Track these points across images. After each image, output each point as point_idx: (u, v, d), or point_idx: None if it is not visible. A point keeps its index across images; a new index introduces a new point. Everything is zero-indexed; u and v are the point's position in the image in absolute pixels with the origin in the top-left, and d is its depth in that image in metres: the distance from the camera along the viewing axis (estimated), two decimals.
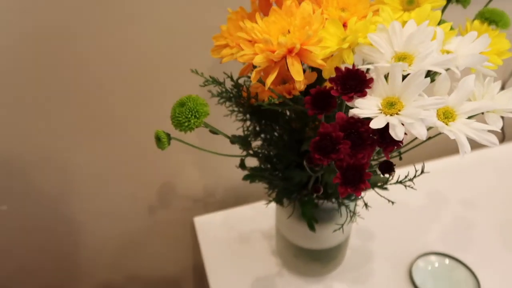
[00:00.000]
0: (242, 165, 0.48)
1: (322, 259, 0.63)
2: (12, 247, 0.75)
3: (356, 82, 0.31)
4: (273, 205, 0.65)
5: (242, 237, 0.73)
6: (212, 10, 0.59)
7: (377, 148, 0.33)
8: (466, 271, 0.65)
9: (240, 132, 0.50)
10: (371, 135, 0.30)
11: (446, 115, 0.31)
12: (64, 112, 0.63)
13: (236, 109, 0.48)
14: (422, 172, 0.41)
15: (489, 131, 0.31)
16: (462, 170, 0.86)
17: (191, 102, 0.35)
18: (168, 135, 0.37)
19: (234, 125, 0.50)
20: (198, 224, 0.76)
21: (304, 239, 0.59)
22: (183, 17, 0.60)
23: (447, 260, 0.67)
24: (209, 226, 0.76)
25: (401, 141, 0.29)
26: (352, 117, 0.30)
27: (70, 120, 0.64)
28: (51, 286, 0.83)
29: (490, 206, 0.77)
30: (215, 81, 0.44)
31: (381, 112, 0.30)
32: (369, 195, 0.50)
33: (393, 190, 0.48)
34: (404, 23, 0.36)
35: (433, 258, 0.67)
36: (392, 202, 0.47)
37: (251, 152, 0.48)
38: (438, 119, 0.31)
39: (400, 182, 0.43)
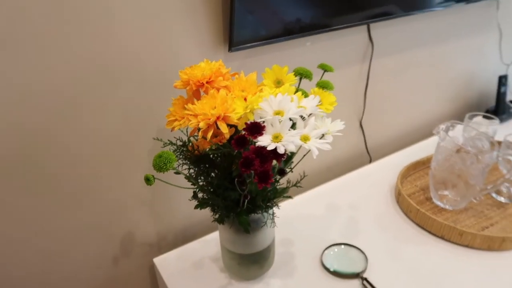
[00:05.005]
0: (195, 196, 0.72)
1: (259, 261, 0.86)
2: None
3: (257, 129, 0.58)
4: (215, 236, 0.88)
5: (195, 265, 0.94)
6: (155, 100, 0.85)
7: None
8: (358, 251, 0.94)
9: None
10: (270, 154, 0.57)
11: (304, 138, 0.60)
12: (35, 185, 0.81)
13: (182, 162, 0.73)
14: (304, 176, 0.69)
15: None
16: (346, 186, 1.19)
17: (166, 154, 0.59)
18: (153, 176, 0.60)
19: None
20: (158, 262, 0.95)
21: (243, 246, 0.82)
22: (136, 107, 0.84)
23: (342, 246, 0.95)
24: (167, 262, 0.95)
25: (283, 155, 0.57)
26: (258, 146, 0.57)
27: (42, 187, 0.82)
28: None
29: (368, 206, 1.09)
30: (171, 143, 0.69)
31: (272, 142, 0.58)
32: (281, 212, 0.76)
33: (303, 206, 0.75)
34: (276, 94, 0.66)
35: (334, 247, 0.95)
36: (291, 197, 0.74)
37: (200, 184, 0.72)
38: (301, 140, 0.59)
39: (295, 185, 0.71)
